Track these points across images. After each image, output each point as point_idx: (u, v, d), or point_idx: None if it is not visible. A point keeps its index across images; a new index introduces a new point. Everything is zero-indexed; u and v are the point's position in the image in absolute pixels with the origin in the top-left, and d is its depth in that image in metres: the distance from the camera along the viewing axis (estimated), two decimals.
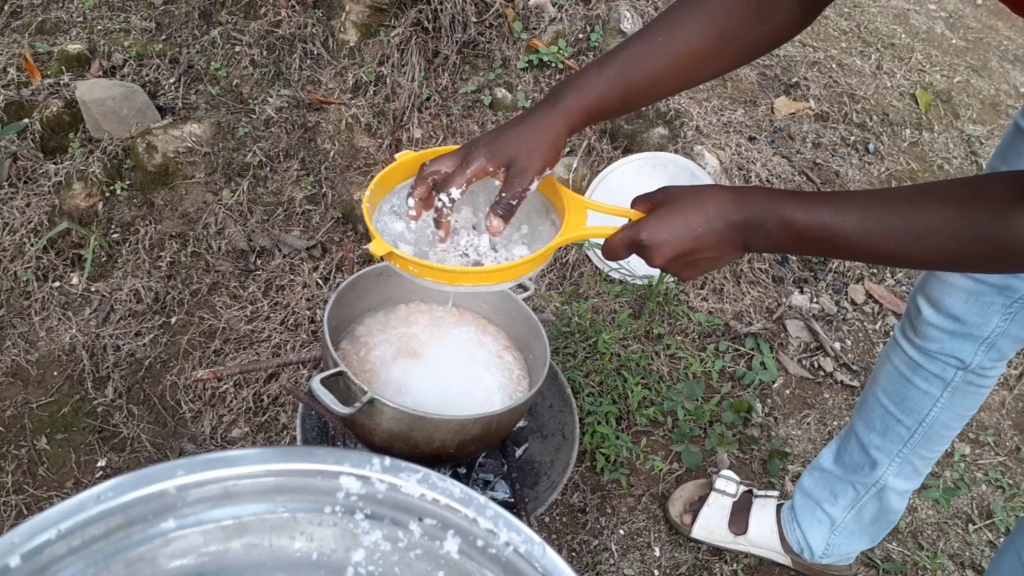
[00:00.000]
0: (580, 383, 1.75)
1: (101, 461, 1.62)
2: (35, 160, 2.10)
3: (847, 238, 0.71)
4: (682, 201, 0.79)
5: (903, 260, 0.72)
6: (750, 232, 0.75)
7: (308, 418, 1.29)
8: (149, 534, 0.60)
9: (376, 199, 0.91)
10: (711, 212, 0.76)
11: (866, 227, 0.70)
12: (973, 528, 1.66)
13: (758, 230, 0.75)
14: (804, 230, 0.72)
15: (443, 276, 0.83)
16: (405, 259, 0.82)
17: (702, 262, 0.80)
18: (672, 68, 0.84)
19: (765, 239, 0.75)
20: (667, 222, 0.78)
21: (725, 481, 1.56)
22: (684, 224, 0.77)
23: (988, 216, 0.65)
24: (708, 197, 0.77)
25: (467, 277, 0.83)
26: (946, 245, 0.68)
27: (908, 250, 0.70)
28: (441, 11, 2.27)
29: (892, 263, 0.74)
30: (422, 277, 0.83)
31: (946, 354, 1.16)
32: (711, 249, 0.77)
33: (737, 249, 0.78)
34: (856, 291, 2.11)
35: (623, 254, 0.83)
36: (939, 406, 1.21)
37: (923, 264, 0.73)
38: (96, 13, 2.48)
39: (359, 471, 0.63)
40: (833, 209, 0.71)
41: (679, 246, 0.77)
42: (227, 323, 1.83)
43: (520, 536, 0.60)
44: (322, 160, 2.16)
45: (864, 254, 0.73)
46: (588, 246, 2.01)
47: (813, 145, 2.39)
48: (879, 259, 0.74)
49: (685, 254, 0.78)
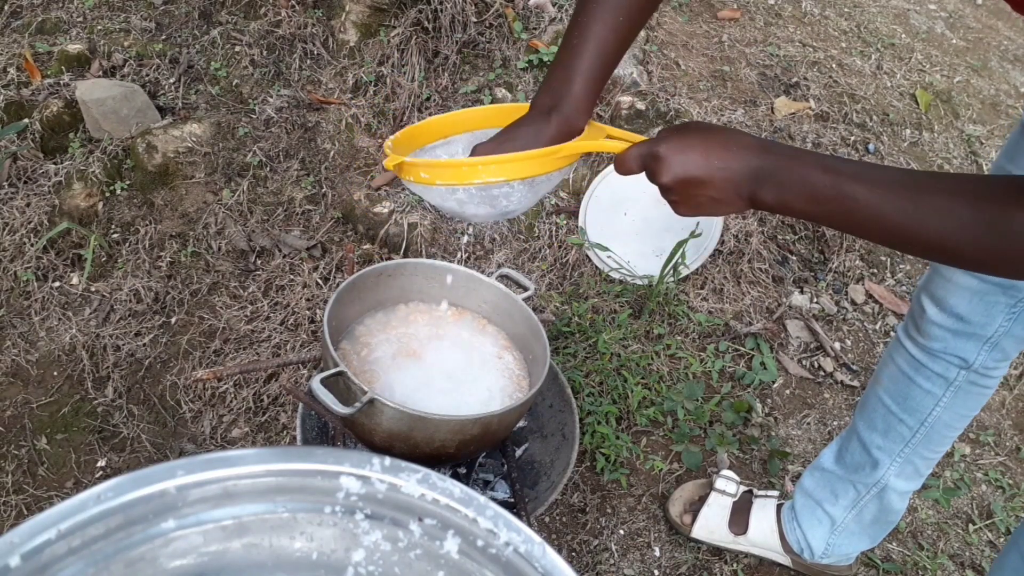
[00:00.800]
0: (580, 383, 1.75)
1: (101, 461, 1.62)
2: (35, 160, 2.10)
3: (858, 206, 0.70)
4: (708, 132, 0.78)
5: (908, 240, 0.71)
6: (764, 181, 0.75)
7: (308, 418, 1.29)
8: (149, 534, 0.60)
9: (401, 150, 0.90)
10: (733, 150, 0.75)
11: (879, 199, 0.70)
12: (973, 528, 1.66)
13: (774, 181, 0.74)
14: (818, 190, 0.72)
15: (454, 173, 0.81)
16: (415, 164, 0.82)
17: (703, 200, 0.78)
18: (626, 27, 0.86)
19: (778, 192, 0.74)
20: (688, 143, 0.77)
21: (725, 481, 1.56)
22: (704, 151, 0.76)
23: (996, 211, 0.65)
24: (735, 137, 0.77)
25: (475, 171, 0.81)
26: (949, 232, 0.68)
27: (915, 230, 0.69)
28: (441, 11, 2.27)
29: (896, 243, 0.73)
30: (434, 181, 0.82)
31: (949, 353, 1.16)
32: (719, 188, 0.76)
33: (742, 199, 0.77)
34: (856, 291, 2.11)
35: (635, 166, 0.82)
36: (941, 406, 1.21)
37: (921, 247, 0.72)
38: (96, 13, 2.48)
39: (359, 471, 0.63)
40: (850, 175, 0.71)
41: (692, 170, 0.76)
42: (227, 323, 1.83)
43: (520, 536, 0.60)
44: (322, 160, 2.16)
45: (871, 226, 0.72)
46: (588, 246, 2.01)
47: (813, 145, 2.39)
48: (884, 236, 0.73)
49: (693, 182, 0.77)
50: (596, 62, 0.86)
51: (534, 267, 2.01)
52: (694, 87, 2.39)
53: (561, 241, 2.04)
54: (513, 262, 2.00)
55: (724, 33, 2.64)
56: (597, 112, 2.23)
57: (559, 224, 2.05)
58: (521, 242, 2.04)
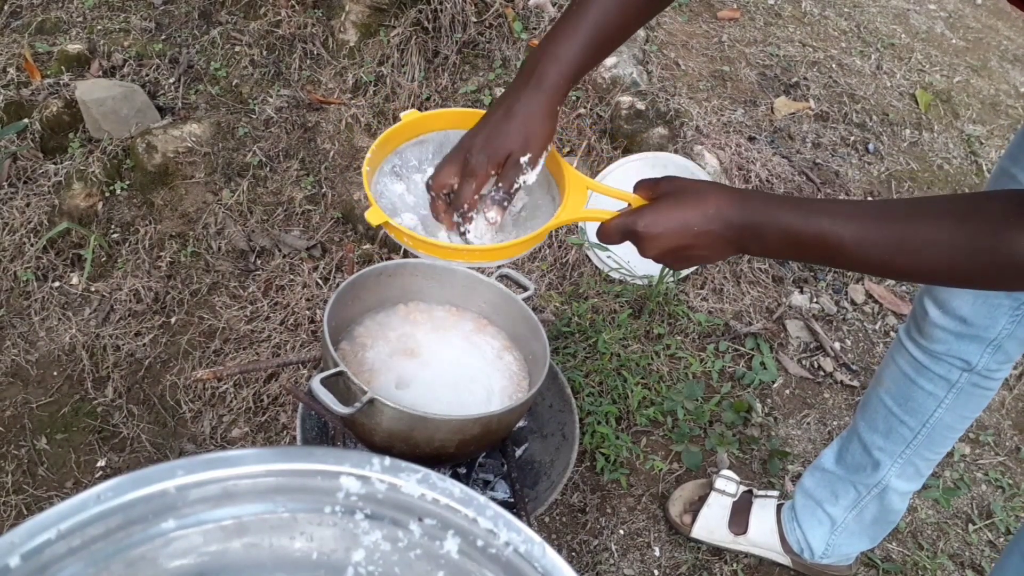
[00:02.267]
0: (580, 383, 1.75)
1: (101, 461, 1.62)
2: (35, 160, 2.10)
3: (844, 248, 0.71)
4: (683, 196, 0.79)
5: (900, 273, 0.72)
6: (747, 236, 0.75)
7: (308, 418, 1.29)
8: (149, 534, 0.60)
9: (377, 160, 0.91)
10: (711, 212, 0.76)
11: (864, 238, 0.70)
12: (973, 528, 1.66)
13: (755, 234, 0.75)
14: (802, 238, 0.72)
15: (436, 251, 0.83)
16: (400, 231, 0.83)
17: (694, 257, 0.80)
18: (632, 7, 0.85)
19: (761, 244, 0.75)
20: (665, 216, 0.78)
21: (725, 481, 1.56)
22: (681, 220, 0.77)
23: (987, 232, 0.65)
24: (709, 196, 0.77)
25: (459, 254, 0.83)
26: (943, 259, 0.68)
27: (905, 263, 0.70)
28: (441, 11, 2.27)
29: (889, 275, 0.74)
30: (415, 249, 0.84)
31: (952, 355, 1.16)
32: (705, 248, 0.78)
33: (731, 249, 0.78)
34: (856, 291, 2.11)
35: (616, 240, 0.83)
36: (943, 407, 1.21)
37: (919, 277, 0.73)
38: (96, 13, 2.48)
39: (359, 471, 0.63)
40: (832, 218, 0.71)
41: (673, 241, 0.78)
42: (227, 323, 1.83)
43: (520, 536, 0.60)
44: (322, 160, 2.16)
45: (861, 265, 0.73)
46: (588, 246, 2.01)
47: (813, 145, 2.39)
48: (876, 270, 0.74)
49: (678, 249, 0.79)
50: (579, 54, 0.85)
51: (534, 267, 2.01)
52: (694, 87, 2.39)
53: (561, 241, 2.04)
54: (513, 262, 2.00)
55: (724, 33, 2.64)
56: (597, 112, 2.23)
57: None
58: None
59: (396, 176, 0.92)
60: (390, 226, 0.83)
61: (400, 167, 0.93)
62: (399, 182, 0.91)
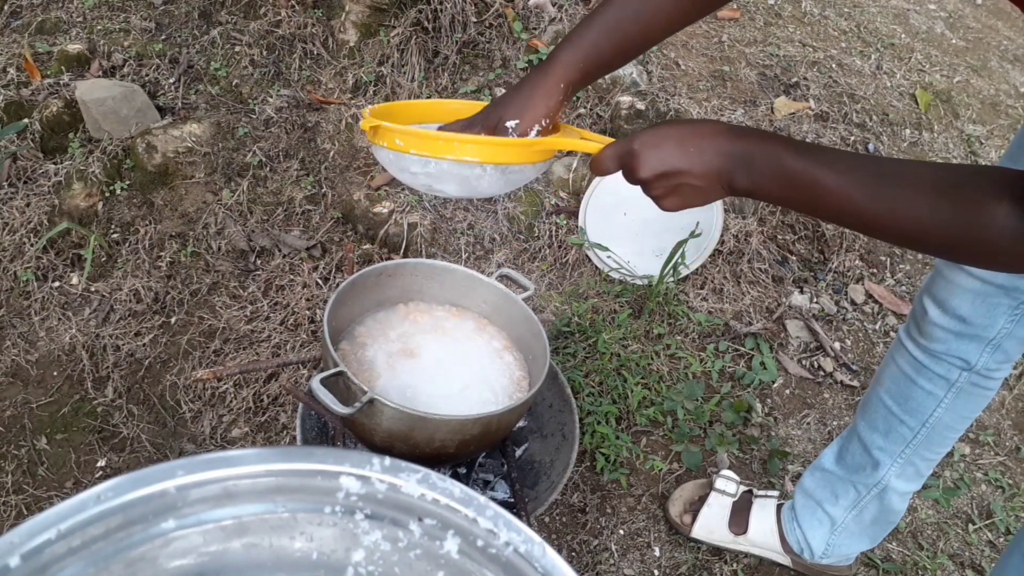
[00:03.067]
0: (580, 383, 1.75)
1: (101, 461, 1.62)
2: (35, 160, 2.10)
3: (829, 190, 0.71)
4: (680, 124, 0.79)
5: (874, 227, 0.72)
6: (739, 165, 0.75)
7: (308, 418, 1.29)
8: (149, 534, 0.60)
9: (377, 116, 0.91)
10: (706, 136, 0.76)
11: (850, 183, 0.70)
12: (973, 528, 1.66)
13: (747, 165, 0.75)
14: (791, 173, 0.73)
15: (428, 145, 0.82)
16: (391, 131, 0.82)
17: (685, 190, 0.79)
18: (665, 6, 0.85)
19: (751, 177, 0.75)
20: (661, 136, 0.78)
21: (725, 481, 1.56)
22: (678, 141, 0.77)
23: (970, 204, 0.66)
24: (707, 124, 0.78)
25: (450, 146, 0.82)
26: (919, 219, 0.68)
27: (882, 216, 0.70)
28: (441, 11, 2.27)
29: (864, 228, 0.74)
30: (407, 150, 0.82)
31: (951, 355, 1.16)
32: (697, 176, 0.77)
33: (721, 185, 0.77)
34: (856, 291, 2.11)
35: (611, 166, 0.82)
36: (943, 407, 1.21)
37: (893, 235, 0.73)
38: (96, 13, 2.48)
39: (359, 471, 0.63)
40: (824, 159, 0.72)
41: (668, 162, 0.77)
42: (227, 323, 1.83)
43: (520, 536, 0.60)
44: (322, 160, 2.16)
45: (840, 212, 0.73)
46: (588, 246, 2.01)
47: None
48: (852, 221, 0.74)
49: (672, 173, 0.77)
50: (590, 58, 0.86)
51: (534, 267, 2.01)
52: (694, 87, 2.39)
53: (561, 241, 2.04)
54: (513, 262, 2.00)
55: (724, 33, 2.64)
56: (597, 112, 2.23)
57: (559, 224, 2.05)
58: (521, 242, 2.04)
59: None
60: (381, 130, 0.82)
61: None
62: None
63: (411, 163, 0.84)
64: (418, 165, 0.83)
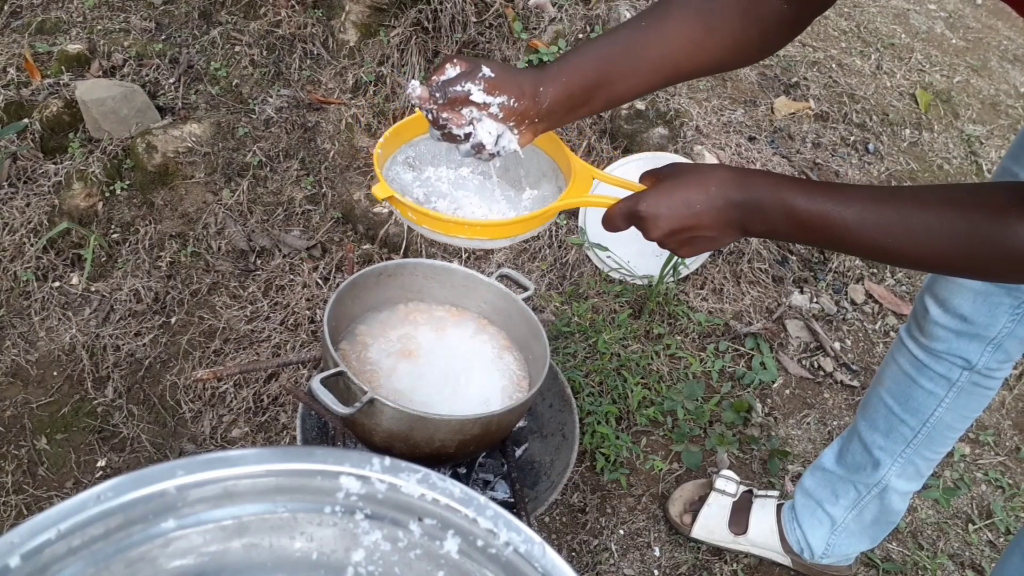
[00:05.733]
0: (580, 383, 1.75)
1: (101, 461, 1.62)
2: (35, 160, 2.10)
3: (846, 228, 0.71)
4: (685, 176, 0.78)
5: (899, 257, 0.72)
6: (749, 214, 0.75)
7: (308, 418, 1.29)
8: (149, 534, 0.60)
9: (390, 149, 0.92)
10: (712, 190, 0.76)
11: (865, 219, 0.70)
12: (973, 528, 1.66)
13: (757, 212, 0.74)
14: (803, 216, 0.72)
15: (438, 225, 0.83)
16: (404, 204, 0.83)
17: (699, 240, 0.79)
18: (655, 55, 0.83)
19: (764, 222, 0.75)
20: (667, 196, 0.78)
21: (725, 481, 1.56)
22: (684, 200, 0.77)
23: (988, 221, 0.65)
24: (711, 175, 0.77)
25: (461, 228, 0.83)
26: (943, 246, 0.68)
27: (904, 247, 0.69)
28: (441, 11, 2.27)
29: (887, 260, 0.74)
30: (419, 224, 0.84)
31: (952, 354, 1.16)
32: (708, 228, 0.77)
33: (734, 230, 0.77)
34: (856, 291, 2.11)
35: (621, 225, 0.83)
36: (943, 407, 1.21)
37: (918, 263, 0.72)
38: (96, 13, 2.48)
39: (359, 471, 0.63)
40: (835, 199, 0.71)
41: (676, 221, 0.77)
42: (227, 323, 1.83)
43: (520, 536, 0.60)
44: (322, 160, 2.16)
45: (860, 248, 0.73)
46: (588, 246, 2.01)
47: (813, 145, 2.39)
48: (875, 254, 0.73)
49: (682, 230, 0.78)
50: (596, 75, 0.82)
51: (534, 267, 2.01)
52: (694, 87, 2.39)
53: (561, 241, 2.04)
54: (513, 262, 2.00)
55: None
56: (599, 114, 2.22)
57: (559, 224, 2.06)
58: (521, 242, 2.04)
59: (409, 166, 0.93)
60: (395, 200, 0.83)
61: (414, 159, 0.93)
62: (410, 171, 0.92)
63: (423, 230, 0.85)
64: (430, 233, 0.85)
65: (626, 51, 0.82)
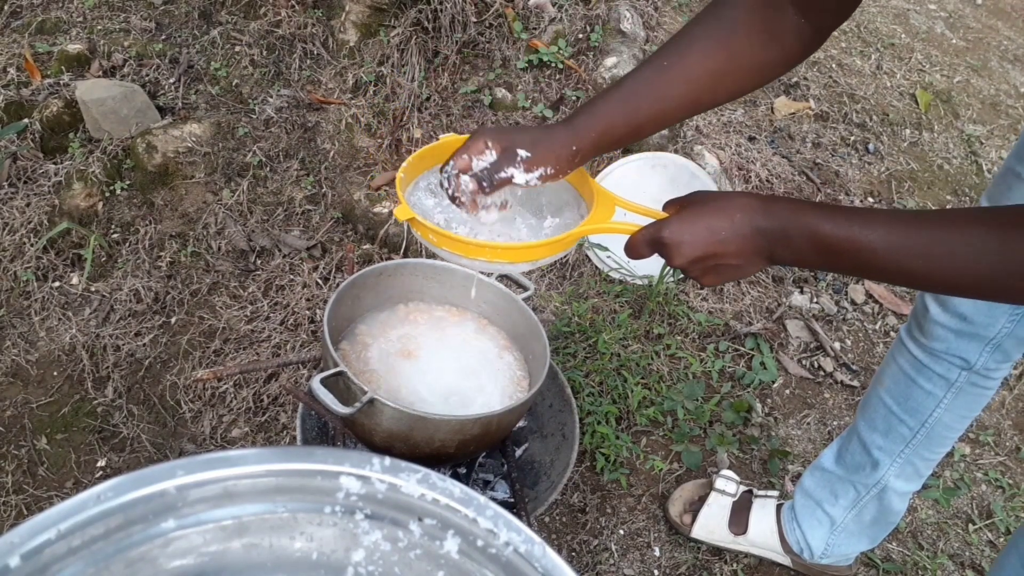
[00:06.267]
0: (580, 383, 1.75)
1: (101, 461, 1.62)
2: (35, 160, 2.10)
3: (872, 251, 0.69)
4: (709, 203, 0.78)
5: (927, 280, 0.70)
6: (775, 241, 0.74)
7: (308, 418, 1.29)
8: (149, 534, 0.60)
9: (412, 173, 0.93)
10: (737, 217, 0.75)
11: (891, 241, 0.68)
12: (973, 528, 1.66)
13: (783, 240, 0.74)
14: (830, 242, 0.71)
15: (459, 247, 0.83)
16: (425, 227, 0.84)
17: (724, 269, 0.79)
18: (679, 92, 0.83)
19: (790, 249, 0.74)
20: (691, 223, 0.77)
21: (725, 481, 1.56)
22: (707, 226, 0.76)
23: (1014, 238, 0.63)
24: (736, 202, 0.76)
25: (482, 251, 0.83)
26: (974, 265, 0.66)
27: (933, 268, 0.68)
28: (441, 11, 2.27)
29: (915, 283, 0.72)
30: (440, 247, 0.84)
31: (951, 354, 1.16)
32: (734, 256, 0.77)
33: (761, 259, 0.77)
34: (856, 291, 2.11)
35: (645, 252, 0.82)
36: (942, 407, 1.21)
37: (948, 284, 0.70)
38: (96, 13, 2.48)
39: (359, 471, 0.63)
40: (860, 223, 0.70)
41: (700, 248, 0.77)
42: (227, 323, 1.83)
43: (520, 536, 0.60)
44: (322, 160, 2.16)
45: (887, 271, 0.71)
46: (588, 246, 2.01)
47: (813, 145, 2.39)
48: (902, 278, 0.72)
49: (706, 257, 0.77)
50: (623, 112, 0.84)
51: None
52: None
53: None
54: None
55: None
56: None
57: None
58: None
59: (430, 192, 0.93)
60: (416, 222, 0.84)
61: (436, 186, 0.94)
62: (432, 198, 0.92)
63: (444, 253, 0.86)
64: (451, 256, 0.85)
65: (650, 94, 0.83)
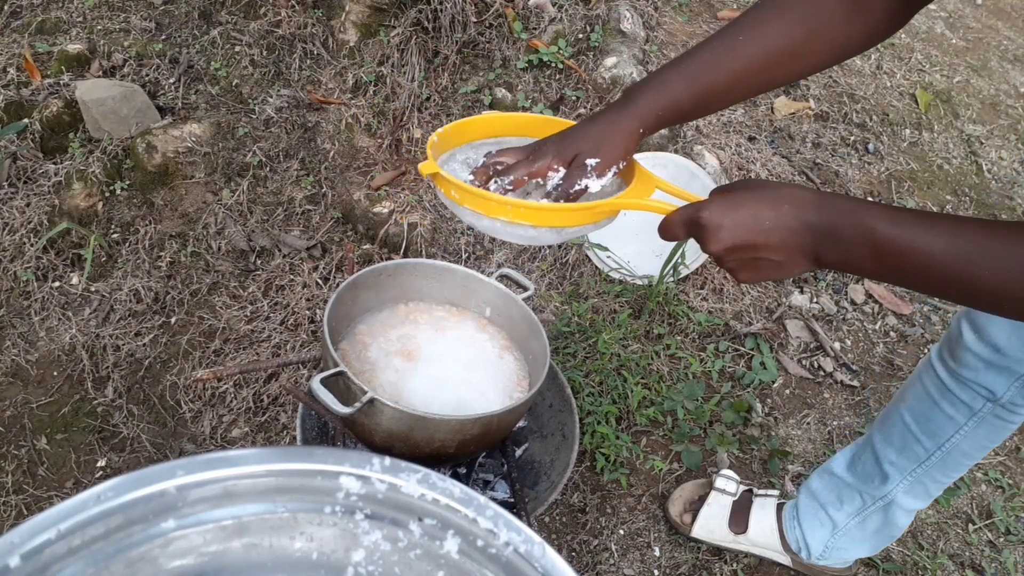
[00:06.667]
0: (580, 383, 1.75)
1: (101, 461, 1.62)
2: (35, 160, 2.10)
3: (932, 258, 0.63)
4: (756, 191, 0.72)
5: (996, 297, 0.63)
6: (823, 239, 0.68)
7: (308, 418, 1.29)
8: (149, 534, 0.60)
9: (448, 142, 0.90)
10: (784, 208, 0.69)
11: (957, 247, 0.62)
12: (973, 528, 1.66)
13: (833, 238, 0.67)
14: (885, 243, 0.65)
15: (481, 204, 0.80)
16: (449, 182, 0.81)
17: (763, 264, 0.72)
18: (753, 68, 0.79)
19: (838, 250, 0.68)
20: (733, 207, 0.71)
21: (725, 480, 1.56)
22: (751, 213, 0.70)
23: None
24: (786, 192, 0.71)
25: (504, 209, 0.79)
26: None
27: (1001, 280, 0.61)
28: (441, 11, 2.27)
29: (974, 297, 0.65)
30: (462, 203, 0.81)
31: (979, 383, 1.13)
32: (776, 250, 0.70)
33: (805, 258, 0.70)
34: (856, 291, 2.11)
35: (680, 232, 0.76)
36: (962, 434, 1.18)
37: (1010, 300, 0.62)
38: (96, 13, 2.48)
39: (359, 471, 0.63)
40: (921, 226, 0.64)
41: (741, 236, 0.70)
42: (227, 323, 1.83)
43: (520, 536, 0.60)
44: (322, 160, 2.16)
45: (945, 279, 0.64)
46: (588, 246, 2.01)
47: (813, 145, 2.39)
48: (961, 289, 0.64)
49: (746, 247, 0.71)
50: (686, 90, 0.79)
51: (534, 267, 2.01)
52: None
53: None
54: (513, 262, 2.00)
55: None
56: None
57: None
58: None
59: (466, 166, 0.91)
60: (439, 178, 0.81)
61: (473, 160, 0.91)
62: (466, 172, 0.89)
63: (465, 213, 0.83)
64: (472, 217, 0.82)
65: (721, 67, 0.79)
